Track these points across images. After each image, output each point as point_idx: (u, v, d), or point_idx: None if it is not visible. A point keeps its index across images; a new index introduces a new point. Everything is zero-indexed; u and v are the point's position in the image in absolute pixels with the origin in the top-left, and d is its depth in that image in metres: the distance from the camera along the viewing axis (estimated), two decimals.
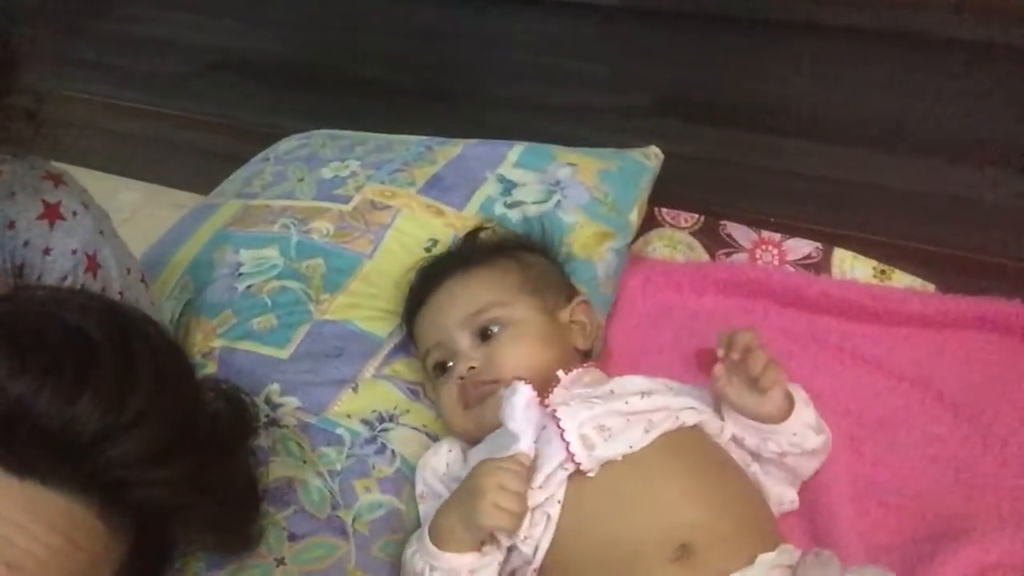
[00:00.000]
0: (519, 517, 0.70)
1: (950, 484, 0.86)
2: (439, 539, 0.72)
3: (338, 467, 0.83)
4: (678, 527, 0.70)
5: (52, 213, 0.74)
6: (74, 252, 0.74)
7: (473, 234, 0.99)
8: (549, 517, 0.72)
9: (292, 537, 0.77)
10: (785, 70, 1.12)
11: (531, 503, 0.72)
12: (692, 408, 0.78)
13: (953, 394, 0.94)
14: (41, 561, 0.52)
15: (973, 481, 0.86)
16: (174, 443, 0.58)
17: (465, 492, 0.73)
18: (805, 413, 0.80)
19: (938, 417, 0.92)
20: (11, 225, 0.72)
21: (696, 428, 0.78)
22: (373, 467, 0.84)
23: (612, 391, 0.79)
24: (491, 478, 0.70)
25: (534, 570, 0.73)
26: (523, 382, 0.77)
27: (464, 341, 0.85)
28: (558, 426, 0.75)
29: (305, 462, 0.82)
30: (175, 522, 0.62)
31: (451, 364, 0.85)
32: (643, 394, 0.78)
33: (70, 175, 0.80)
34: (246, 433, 0.71)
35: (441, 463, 0.84)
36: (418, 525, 0.81)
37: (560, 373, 0.82)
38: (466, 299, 0.87)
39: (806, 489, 0.85)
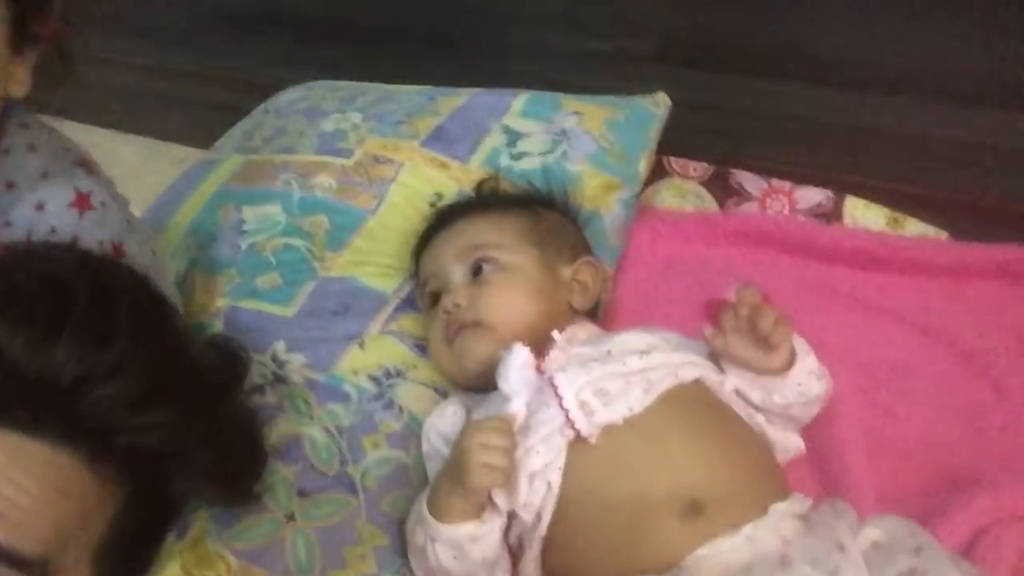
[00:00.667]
0: (506, 472, 0.69)
1: (962, 435, 0.85)
2: (437, 510, 0.71)
3: (345, 423, 0.82)
4: (685, 485, 0.69)
5: (83, 202, 0.73)
6: (100, 243, 0.73)
7: (492, 181, 0.99)
8: (550, 484, 0.72)
9: (301, 493, 0.76)
10: (794, 14, 1.10)
11: (529, 468, 0.72)
12: (691, 363, 0.77)
13: (967, 343, 0.93)
14: (28, 510, 0.52)
15: (986, 432, 0.85)
16: (157, 388, 0.57)
17: (452, 458, 0.72)
18: (807, 361, 0.78)
19: (951, 367, 0.91)
20: (40, 207, 0.71)
21: (697, 383, 0.77)
22: (380, 423, 0.83)
23: (610, 352, 0.78)
24: (473, 437, 0.70)
25: (541, 537, 0.73)
26: (520, 343, 0.76)
27: (457, 275, 0.85)
28: (556, 393, 0.74)
29: (312, 418, 0.82)
30: (170, 473, 0.61)
31: (439, 297, 0.85)
32: (641, 353, 0.77)
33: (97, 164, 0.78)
34: (236, 379, 0.70)
35: (446, 424, 0.83)
36: (426, 482, 0.80)
37: (555, 334, 0.80)
38: (470, 235, 0.87)
39: (818, 440, 0.84)
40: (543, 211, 0.92)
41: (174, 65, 1.59)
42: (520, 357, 0.74)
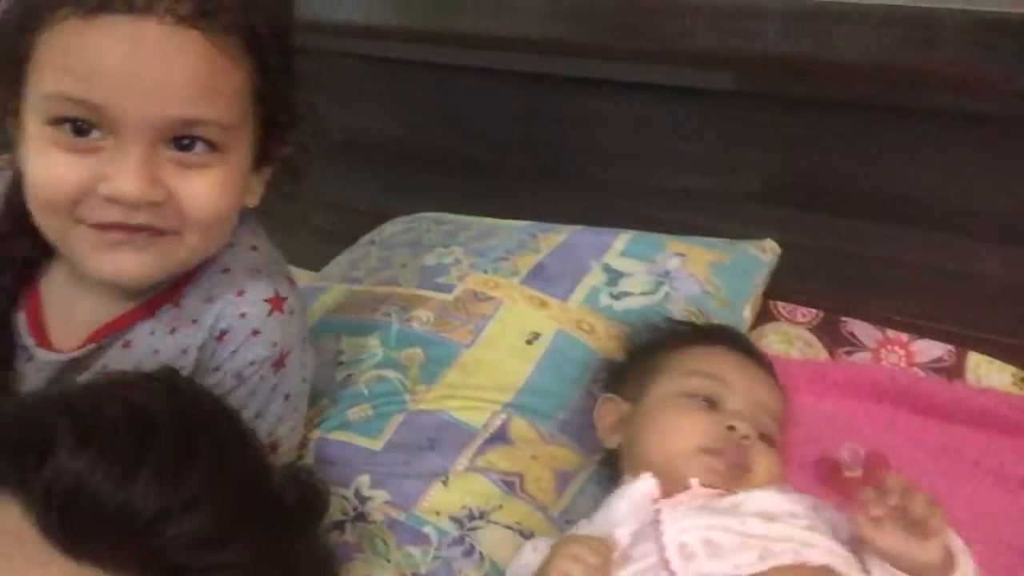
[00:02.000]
0: None
1: None
2: None
3: (423, 570, 0.79)
4: None
5: (277, 303, 0.77)
6: (274, 344, 0.76)
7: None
8: None
9: None
10: (903, 156, 1.07)
11: None
12: (826, 549, 0.71)
13: None
14: None
15: None
16: (234, 527, 0.55)
17: (540, 565, 0.72)
18: (965, 564, 0.71)
19: None
20: (241, 293, 0.76)
21: (825, 568, 0.70)
22: (459, 572, 0.80)
23: (735, 506, 0.74)
24: (568, 546, 0.70)
25: None
26: (650, 475, 0.75)
27: (748, 412, 0.83)
28: (659, 529, 0.70)
29: (389, 560, 0.79)
30: None
31: (717, 407, 0.83)
32: (767, 518, 0.72)
33: None
34: (315, 516, 0.69)
35: (530, 561, 0.78)
36: None
37: (693, 480, 0.77)
38: (773, 394, 0.88)
39: None
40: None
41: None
42: (645, 486, 0.74)
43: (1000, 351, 1.03)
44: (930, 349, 1.05)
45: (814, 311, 1.12)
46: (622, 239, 1.12)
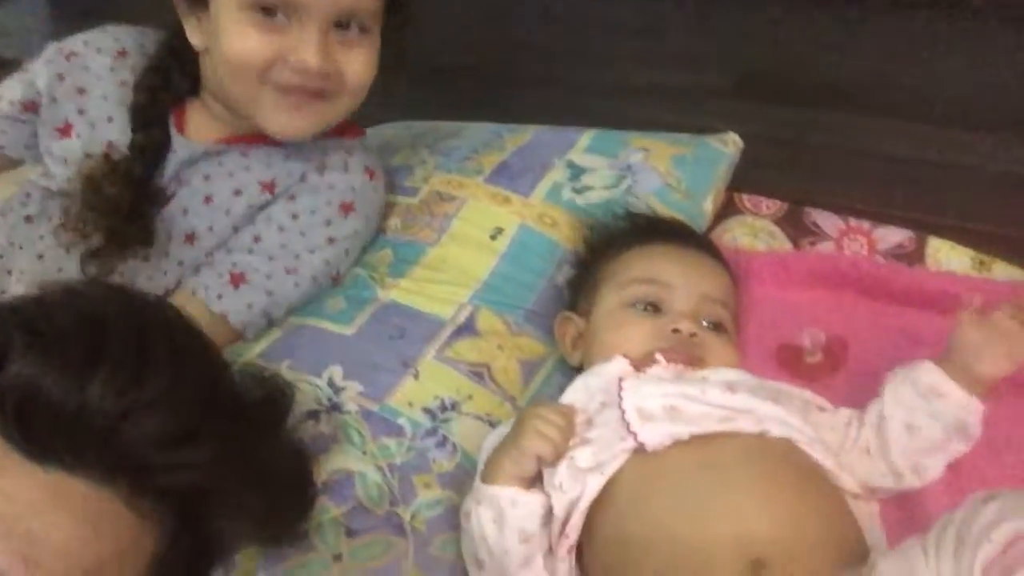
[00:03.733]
0: (556, 447, 0.71)
1: None
2: (487, 475, 0.73)
3: (398, 461, 0.81)
4: (754, 542, 0.65)
5: (372, 173, 0.99)
6: (354, 189, 0.96)
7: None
8: (586, 484, 0.71)
9: (349, 533, 0.75)
10: (870, 47, 1.06)
11: (578, 460, 0.72)
12: (783, 422, 0.74)
13: None
14: (63, 553, 0.51)
15: None
16: (196, 425, 0.56)
17: (512, 427, 0.75)
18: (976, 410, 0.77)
19: None
20: (346, 167, 0.96)
21: (784, 440, 0.73)
22: (433, 461, 0.82)
23: (702, 378, 0.77)
24: (535, 410, 0.74)
25: (574, 531, 0.72)
26: (623, 356, 0.79)
27: (690, 306, 0.84)
28: (619, 394, 0.74)
29: (365, 453, 0.81)
30: (212, 512, 0.60)
31: (661, 310, 0.84)
32: (726, 387, 0.74)
33: None
34: (279, 415, 0.70)
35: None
36: None
37: (658, 355, 0.80)
38: (719, 282, 0.88)
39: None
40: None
41: None
42: (616, 365, 0.78)
43: (960, 235, 1.04)
44: (891, 236, 1.06)
45: (778, 203, 1.13)
46: (587, 136, 1.11)
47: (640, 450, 0.71)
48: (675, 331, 0.81)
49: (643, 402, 0.73)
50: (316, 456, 0.78)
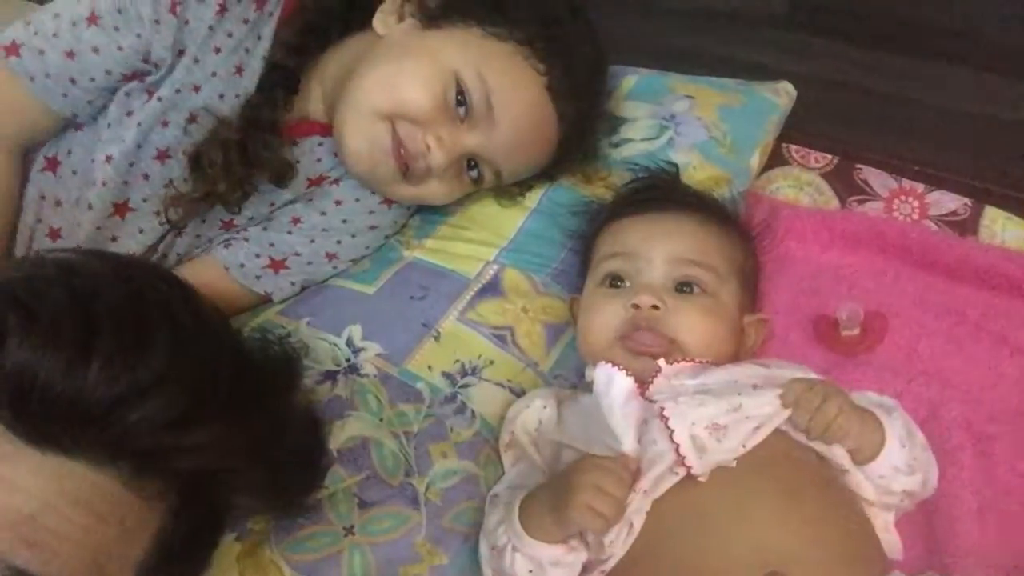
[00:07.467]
0: (611, 522, 0.65)
1: None
2: (527, 524, 0.68)
3: (415, 429, 0.79)
4: (770, 552, 0.63)
5: None
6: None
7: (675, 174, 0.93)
8: (632, 526, 0.67)
9: (362, 504, 0.74)
10: None
11: (633, 509, 0.67)
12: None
13: None
14: (66, 538, 0.51)
15: None
16: (197, 406, 0.55)
17: (561, 484, 0.68)
18: (896, 455, 0.70)
19: None
20: None
21: (782, 434, 0.70)
22: (451, 430, 0.80)
23: (735, 381, 0.73)
24: (589, 475, 0.66)
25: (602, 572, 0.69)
26: (618, 368, 0.71)
27: (658, 276, 0.79)
28: (667, 426, 0.68)
29: (382, 420, 0.79)
30: (218, 487, 0.60)
31: (627, 284, 0.80)
32: (738, 391, 0.71)
33: None
34: (289, 383, 0.68)
35: (533, 419, 0.79)
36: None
37: (661, 362, 0.75)
38: (687, 243, 0.80)
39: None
40: (747, 243, 0.87)
41: None
42: (623, 388, 0.70)
43: (1021, 206, 0.97)
44: (945, 201, 1.00)
45: (828, 156, 1.06)
46: (629, 80, 1.04)
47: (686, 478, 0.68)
48: (635, 306, 0.77)
49: (694, 430, 0.68)
50: (331, 421, 0.77)
